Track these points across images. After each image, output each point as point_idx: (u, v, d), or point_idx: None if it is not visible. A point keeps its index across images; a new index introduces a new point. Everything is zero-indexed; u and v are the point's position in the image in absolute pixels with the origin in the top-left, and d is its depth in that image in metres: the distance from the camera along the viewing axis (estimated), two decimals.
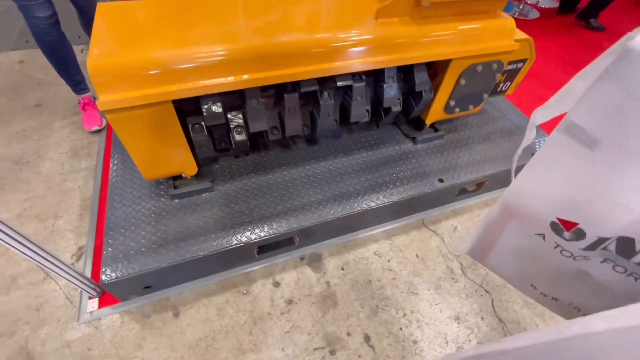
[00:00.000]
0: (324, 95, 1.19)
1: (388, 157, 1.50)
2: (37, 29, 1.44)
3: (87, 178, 1.55)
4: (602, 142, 0.47)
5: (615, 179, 0.48)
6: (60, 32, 1.52)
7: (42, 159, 1.62)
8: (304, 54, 1.03)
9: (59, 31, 1.51)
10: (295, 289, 1.26)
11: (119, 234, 1.15)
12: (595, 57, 0.47)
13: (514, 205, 0.65)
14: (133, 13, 1.04)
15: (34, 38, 1.48)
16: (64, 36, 1.55)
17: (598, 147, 0.48)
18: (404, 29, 1.13)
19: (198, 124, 1.10)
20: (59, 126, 1.78)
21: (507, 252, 0.73)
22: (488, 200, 1.62)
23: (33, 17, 1.40)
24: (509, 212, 0.67)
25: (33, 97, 1.94)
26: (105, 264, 1.08)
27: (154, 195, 1.28)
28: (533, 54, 1.45)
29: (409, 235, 1.45)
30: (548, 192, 0.58)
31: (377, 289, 1.28)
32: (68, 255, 1.30)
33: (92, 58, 0.86)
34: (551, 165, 0.56)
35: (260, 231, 1.20)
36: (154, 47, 0.91)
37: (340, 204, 1.31)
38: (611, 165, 0.48)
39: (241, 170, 1.39)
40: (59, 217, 1.41)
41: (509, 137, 1.66)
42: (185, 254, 1.12)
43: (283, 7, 1.13)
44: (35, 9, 1.38)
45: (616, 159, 0.47)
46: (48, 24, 1.44)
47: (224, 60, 0.95)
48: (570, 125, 0.50)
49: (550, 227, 0.60)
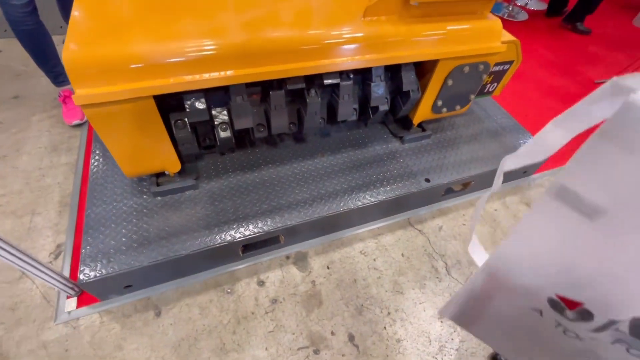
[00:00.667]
0: (311, 93, 1.18)
1: (375, 156, 1.50)
2: (12, 17, 1.38)
3: (67, 174, 1.51)
4: (606, 211, 0.39)
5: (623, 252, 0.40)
6: (37, 21, 1.46)
7: (20, 153, 1.56)
8: (290, 51, 1.01)
9: (36, 20, 1.45)
10: (280, 288, 1.25)
11: (99, 232, 1.12)
12: (581, 61, 0.43)
13: (501, 276, 0.54)
14: (114, 2, 1.00)
15: (10, 27, 1.42)
16: (42, 25, 1.49)
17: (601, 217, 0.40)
18: (392, 28, 1.12)
19: (181, 120, 1.07)
20: (37, 119, 1.72)
21: (497, 325, 0.63)
22: (473, 200, 1.63)
23: (8, 4, 1.34)
24: (495, 283, 0.56)
25: (11, 88, 1.87)
26: (84, 262, 1.05)
27: (136, 192, 1.25)
28: (519, 56, 1.46)
29: (395, 235, 1.46)
30: (542, 264, 0.48)
31: (362, 288, 1.29)
32: (46, 253, 1.26)
33: (68, 49, 0.82)
34: (543, 235, 0.46)
35: (245, 230, 1.18)
36: (135, 39, 0.88)
37: (326, 202, 1.30)
38: (618, 236, 0.40)
39: (227, 168, 1.37)
40: (37, 214, 1.36)
41: (495, 138, 1.68)
42: (168, 253, 1.10)
43: (270, 2, 1.11)
44: None
45: (624, 229, 0.39)
46: (24, 12, 1.38)
47: (208, 56, 0.93)
48: (563, 191, 0.42)
49: (549, 304, 0.50)
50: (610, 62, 2.78)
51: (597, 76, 2.60)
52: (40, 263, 0.98)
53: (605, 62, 2.76)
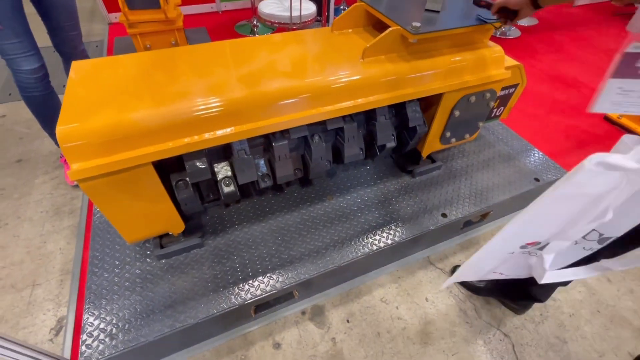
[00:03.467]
0: (314, 139, 1.14)
1: (386, 194, 1.43)
2: (22, 83, 1.37)
3: (69, 238, 1.46)
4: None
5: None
6: (48, 87, 1.45)
7: (22, 220, 1.52)
8: (291, 101, 0.98)
9: (47, 86, 1.44)
10: (298, 350, 1.15)
11: (100, 306, 1.05)
12: (581, 72, 0.45)
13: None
14: (108, 71, 0.99)
15: (20, 92, 1.41)
16: (52, 90, 1.48)
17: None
18: (392, 66, 1.09)
19: (182, 181, 1.03)
20: (40, 182, 1.70)
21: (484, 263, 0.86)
22: (495, 230, 1.54)
23: (19, 70, 1.33)
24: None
25: (14, 152, 1.87)
26: (85, 344, 0.97)
27: (139, 256, 1.18)
28: (524, 79, 1.42)
29: (416, 276, 1.36)
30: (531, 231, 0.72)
31: (387, 342, 1.18)
32: (46, 330, 1.18)
33: (61, 126, 0.79)
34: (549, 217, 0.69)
35: (255, 290, 1.10)
36: (130, 107, 0.85)
37: (340, 250, 1.22)
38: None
39: (232, 220, 1.30)
40: (38, 286, 1.30)
41: (508, 162, 1.61)
42: (174, 324, 1.02)
43: (267, 54, 1.10)
44: (22, 61, 1.31)
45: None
46: (35, 78, 1.37)
47: (206, 115, 0.89)
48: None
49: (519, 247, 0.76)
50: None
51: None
52: (36, 350, 0.89)
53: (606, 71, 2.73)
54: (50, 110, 1.52)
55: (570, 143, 2.04)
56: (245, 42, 1.16)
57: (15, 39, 1.27)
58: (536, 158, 1.64)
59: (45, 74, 1.42)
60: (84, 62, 1.02)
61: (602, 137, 2.10)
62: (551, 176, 1.55)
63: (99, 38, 2.95)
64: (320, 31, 1.25)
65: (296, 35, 1.23)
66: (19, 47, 1.29)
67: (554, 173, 1.56)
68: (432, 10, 1.15)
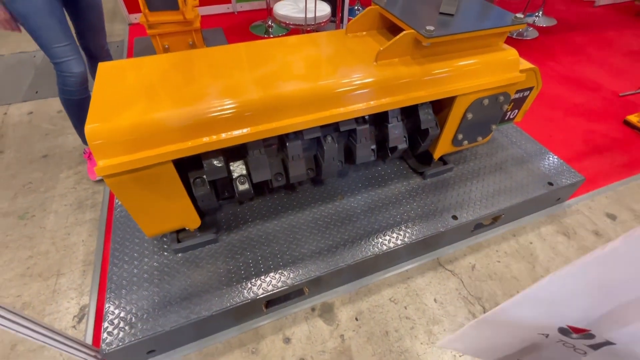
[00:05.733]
0: (327, 140, 1.16)
1: (397, 195, 1.45)
2: (68, 87, 1.41)
3: (91, 230, 1.53)
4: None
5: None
6: (87, 90, 1.49)
7: (47, 212, 1.60)
8: (305, 103, 1.01)
9: (86, 89, 1.48)
10: (307, 345, 1.18)
11: (121, 296, 1.10)
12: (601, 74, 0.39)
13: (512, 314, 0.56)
14: (132, 72, 1.04)
15: (62, 95, 1.45)
16: (89, 95, 1.51)
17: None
18: (406, 69, 1.10)
19: (199, 178, 1.07)
20: (64, 176, 1.78)
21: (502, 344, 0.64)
22: (506, 234, 1.53)
23: (70, 73, 1.37)
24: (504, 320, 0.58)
25: (40, 148, 1.96)
26: (106, 331, 1.02)
27: (157, 249, 1.23)
28: (540, 82, 1.41)
29: (425, 277, 1.37)
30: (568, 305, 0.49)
31: (395, 340, 1.19)
32: (70, 317, 1.25)
33: (90, 125, 0.84)
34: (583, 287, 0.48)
35: (267, 285, 1.14)
36: (153, 108, 0.90)
37: (350, 249, 1.24)
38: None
39: (246, 217, 1.34)
40: (62, 275, 1.37)
41: (521, 166, 1.60)
42: (190, 315, 1.06)
43: (282, 57, 1.13)
44: (73, 64, 1.36)
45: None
46: (81, 81, 1.42)
47: (224, 116, 0.93)
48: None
49: (558, 330, 0.53)
50: (634, 73, 2.67)
51: (622, 89, 2.50)
52: (62, 334, 0.95)
53: (627, 74, 2.66)
54: (85, 112, 1.58)
55: (588, 147, 2.01)
56: (261, 44, 1.19)
57: (66, 41, 1.33)
58: (550, 162, 1.62)
59: (86, 80, 1.47)
60: (109, 64, 1.08)
61: (621, 141, 2.06)
62: (565, 180, 1.53)
63: (119, 38, 3.05)
64: (335, 33, 1.28)
65: (311, 37, 1.26)
66: (70, 49, 1.35)
67: (569, 177, 1.54)
68: (446, 14, 1.16)
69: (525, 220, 1.58)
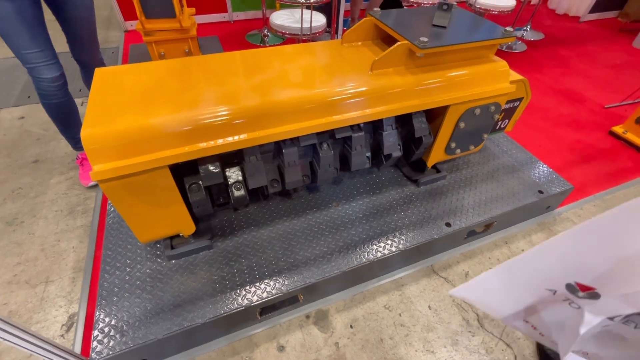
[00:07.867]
0: (323, 147, 1.18)
1: (392, 202, 1.46)
2: (43, 91, 1.42)
3: (82, 237, 1.50)
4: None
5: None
6: (67, 94, 1.51)
7: (37, 218, 1.57)
8: (301, 110, 1.02)
9: (65, 93, 1.50)
10: (302, 353, 1.16)
11: (112, 303, 1.08)
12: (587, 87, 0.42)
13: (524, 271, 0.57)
14: (129, 77, 1.04)
15: (40, 99, 1.47)
16: (70, 97, 1.54)
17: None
18: (400, 78, 1.13)
19: (195, 184, 1.07)
20: (55, 182, 1.76)
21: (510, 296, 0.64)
22: (498, 241, 1.56)
23: (40, 78, 1.38)
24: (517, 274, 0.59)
25: (31, 153, 1.93)
26: (96, 339, 1.00)
27: (150, 256, 1.22)
28: (529, 93, 1.46)
29: (419, 284, 1.38)
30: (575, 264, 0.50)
31: (390, 348, 1.19)
32: (58, 326, 1.22)
33: (86, 129, 0.84)
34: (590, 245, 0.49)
35: (261, 292, 1.13)
36: (149, 113, 0.90)
37: (345, 255, 1.25)
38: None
39: (240, 224, 1.34)
40: (51, 282, 1.34)
41: (512, 174, 1.63)
42: (183, 323, 1.05)
43: (279, 65, 1.14)
44: (43, 70, 1.37)
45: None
46: (56, 86, 1.43)
47: (221, 122, 0.94)
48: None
49: (566, 287, 0.55)
50: (617, 86, 2.77)
51: (607, 101, 2.58)
52: (50, 343, 0.93)
53: (611, 87, 2.76)
54: (68, 116, 1.59)
55: (575, 157, 2.06)
56: (258, 52, 1.21)
57: (36, 48, 1.33)
58: (540, 171, 1.66)
59: (65, 82, 1.48)
60: (106, 69, 1.08)
61: (607, 151, 2.12)
62: (555, 189, 1.57)
63: (115, 45, 3.05)
64: (331, 43, 1.30)
65: (308, 47, 1.28)
66: (40, 56, 1.35)
67: (558, 186, 1.58)
68: (439, 26, 1.20)
69: (517, 228, 1.61)
